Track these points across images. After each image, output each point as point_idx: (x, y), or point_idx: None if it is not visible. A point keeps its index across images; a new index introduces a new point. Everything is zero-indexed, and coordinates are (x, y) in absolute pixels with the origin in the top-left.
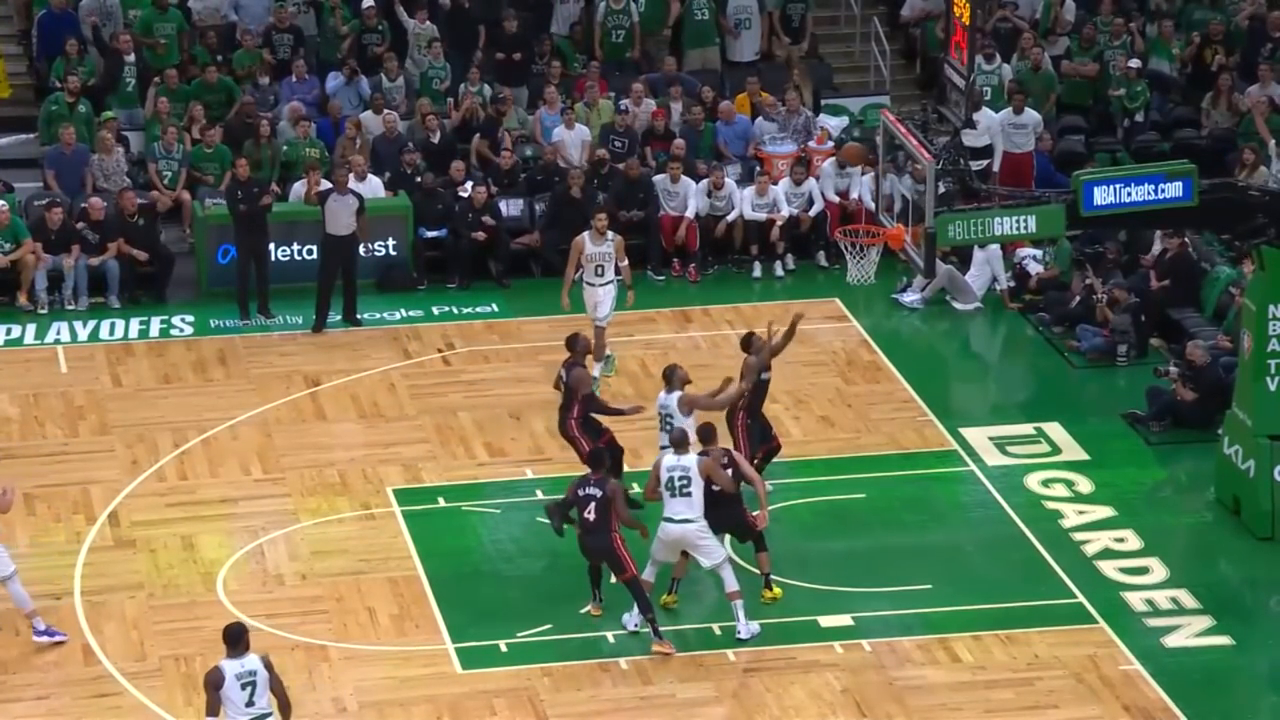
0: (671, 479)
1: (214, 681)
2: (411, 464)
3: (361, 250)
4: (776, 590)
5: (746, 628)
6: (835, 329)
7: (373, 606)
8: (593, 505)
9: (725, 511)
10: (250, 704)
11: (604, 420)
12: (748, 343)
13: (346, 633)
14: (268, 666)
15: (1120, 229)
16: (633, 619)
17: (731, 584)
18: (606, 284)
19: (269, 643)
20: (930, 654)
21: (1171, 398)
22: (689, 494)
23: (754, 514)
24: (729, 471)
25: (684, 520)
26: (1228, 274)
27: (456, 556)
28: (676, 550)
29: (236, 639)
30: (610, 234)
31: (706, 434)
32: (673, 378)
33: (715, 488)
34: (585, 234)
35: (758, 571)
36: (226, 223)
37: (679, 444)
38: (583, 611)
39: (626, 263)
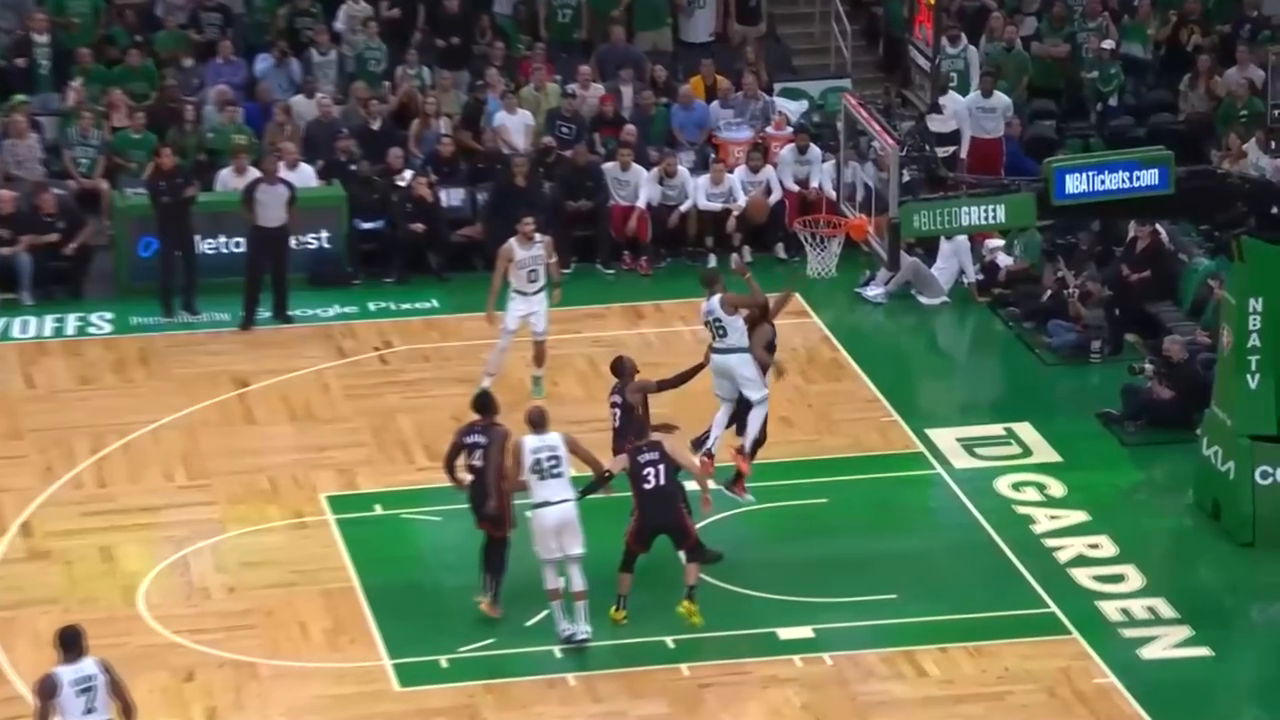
0: (539, 460)
1: (46, 690)
2: (347, 469)
3: (293, 243)
4: (696, 613)
5: (578, 629)
6: (795, 325)
7: (305, 621)
8: (479, 452)
9: (664, 508)
10: (89, 711)
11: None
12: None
13: (277, 649)
14: (106, 670)
15: (1093, 219)
16: (573, 628)
17: (578, 584)
18: (539, 292)
19: (194, 660)
20: (895, 667)
21: (1148, 396)
22: (560, 474)
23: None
24: (649, 470)
25: (564, 501)
26: (1206, 266)
27: (394, 567)
28: (561, 538)
29: (71, 643)
30: (539, 236)
31: (639, 430)
32: (715, 281)
33: (646, 484)
34: (513, 240)
35: (687, 583)
36: (148, 214)
37: (538, 423)
38: (475, 599)
39: (555, 259)
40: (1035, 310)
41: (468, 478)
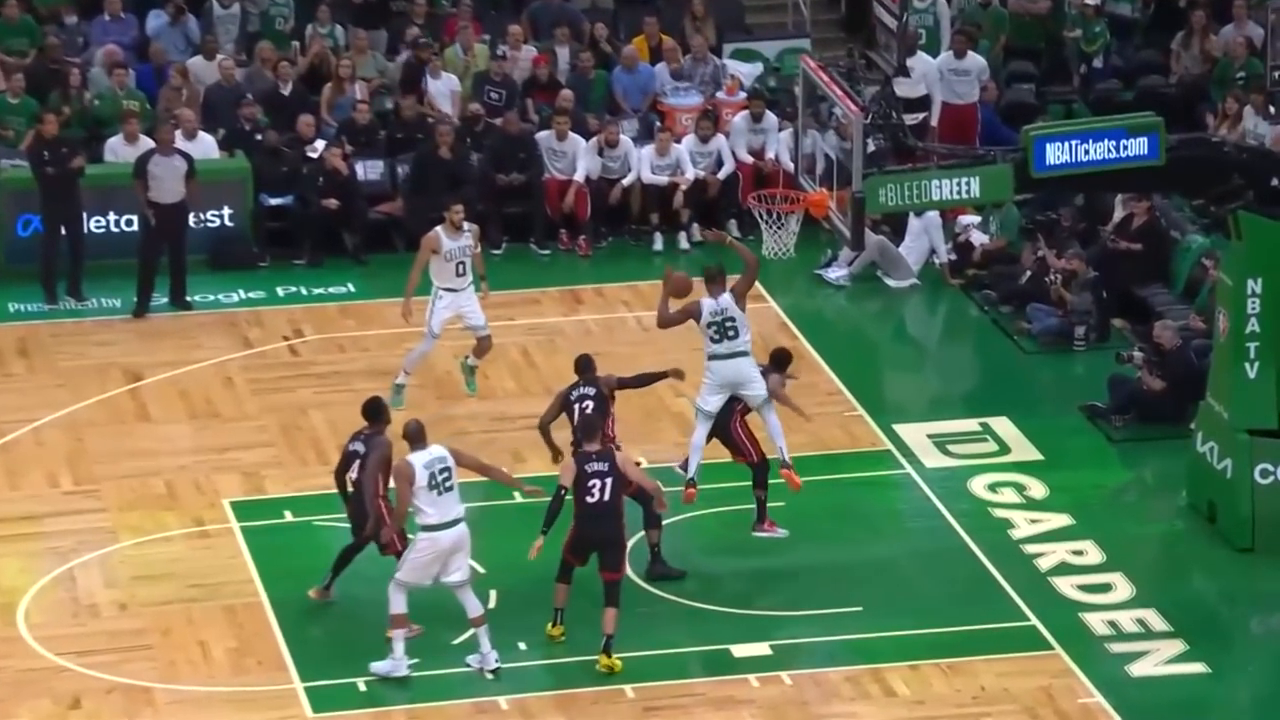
0: (433, 476)
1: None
2: (253, 472)
3: (191, 220)
4: (618, 667)
5: (486, 659)
6: (749, 310)
7: (206, 640)
8: (357, 463)
9: (604, 524)
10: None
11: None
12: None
13: (175, 672)
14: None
15: (1077, 192)
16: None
17: (475, 609)
18: (470, 285)
19: (81, 685)
20: (861, 687)
21: (1137, 387)
22: (453, 487)
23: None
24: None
25: (459, 521)
26: (1200, 244)
27: (306, 580)
28: (450, 562)
29: (414, 435)
30: (468, 225)
31: (591, 428)
32: (720, 276)
33: (589, 498)
34: (439, 229)
35: (605, 631)
36: (29, 188)
37: (416, 437)
38: (310, 593)
39: (479, 249)
40: (1013, 293)
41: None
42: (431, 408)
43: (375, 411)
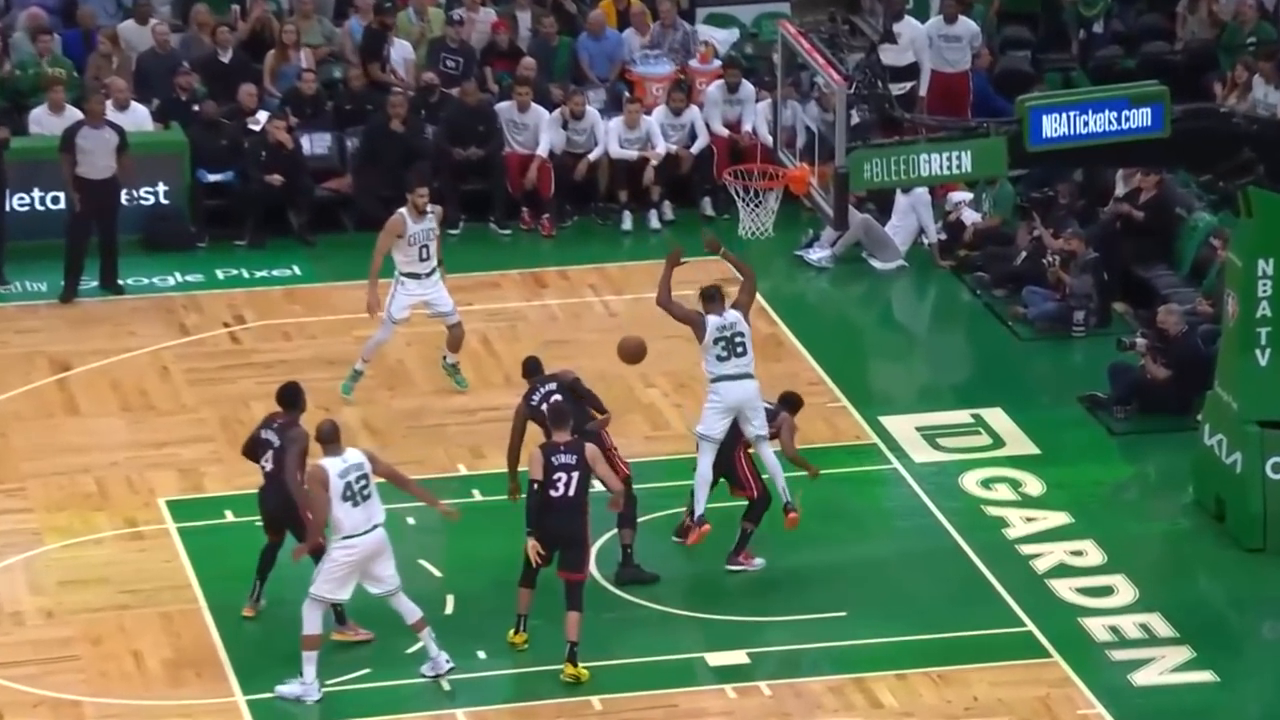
0: (349, 484)
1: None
2: (191, 469)
3: (123, 198)
4: (583, 675)
5: (438, 661)
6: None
7: (140, 650)
8: (270, 454)
9: (566, 521)
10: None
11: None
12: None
13: (106, 684)
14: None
15: (1075, 167)
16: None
17: (413, 614)
18: (433, 272)
19: (2, 699)
20: (845, 698)
21: (1140, 376)
22: (370, 495)
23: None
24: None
25: (376, 528)
26: (1208, 222)
27: (249, 585)
28: (369, 571)
29: (329, 438)
30: (432, 207)
31: (561, 416)
32: (719, 293)
33: (553, 491)
34: (403, 211)
35: (569, 640)
36: None
37: (330, 439)
38: (244, 611)
39: (440, 232)
40: (1008, 275)
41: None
42: (382, 400)
43: (292, 398)
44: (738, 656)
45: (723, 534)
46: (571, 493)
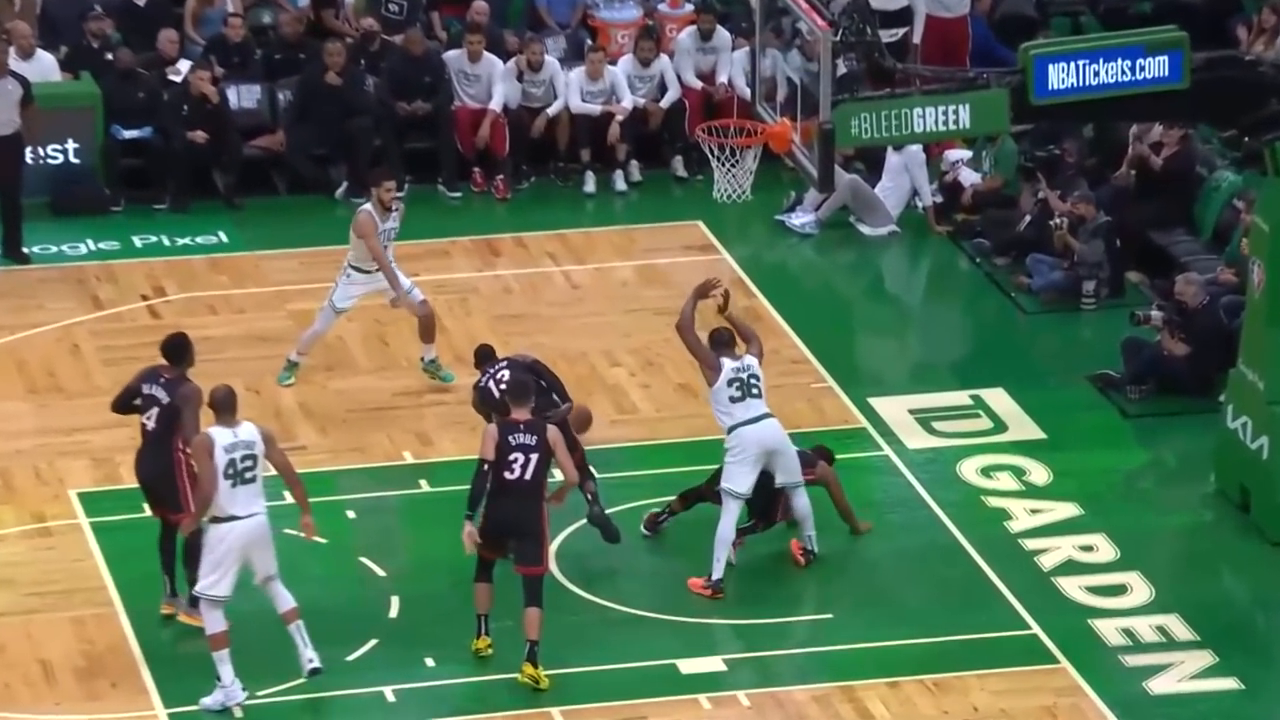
0: (233, 462)
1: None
2: (105, 458)
3: (29, 157)
4: (542, 678)
5: (306, 655)
6: (698, 263)
7: (49, 659)
8: (155, 411)
9: (521, 507)
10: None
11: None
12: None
13: (11, 696)
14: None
15: (1085, 122)
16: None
17: (287, 602)
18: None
19: None
20: (831, 708)
21: (1156, 352)
22: (254, 479)
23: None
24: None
25: (254, 515)
26: (1231, 182)
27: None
28: (249, 556)
29: (222, 405)
30: (398, 205)
31: (521, 391)
32: (734, 338)
33: (508, 473)
34: (369, 208)
35: (529, 639)
36: None
37: (225, 408)
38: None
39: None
40: (1010, 242)
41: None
42: (319, 381)
43: (179, 350)
44: (713, 663)
45: (688, 524)
46: (529, 476)
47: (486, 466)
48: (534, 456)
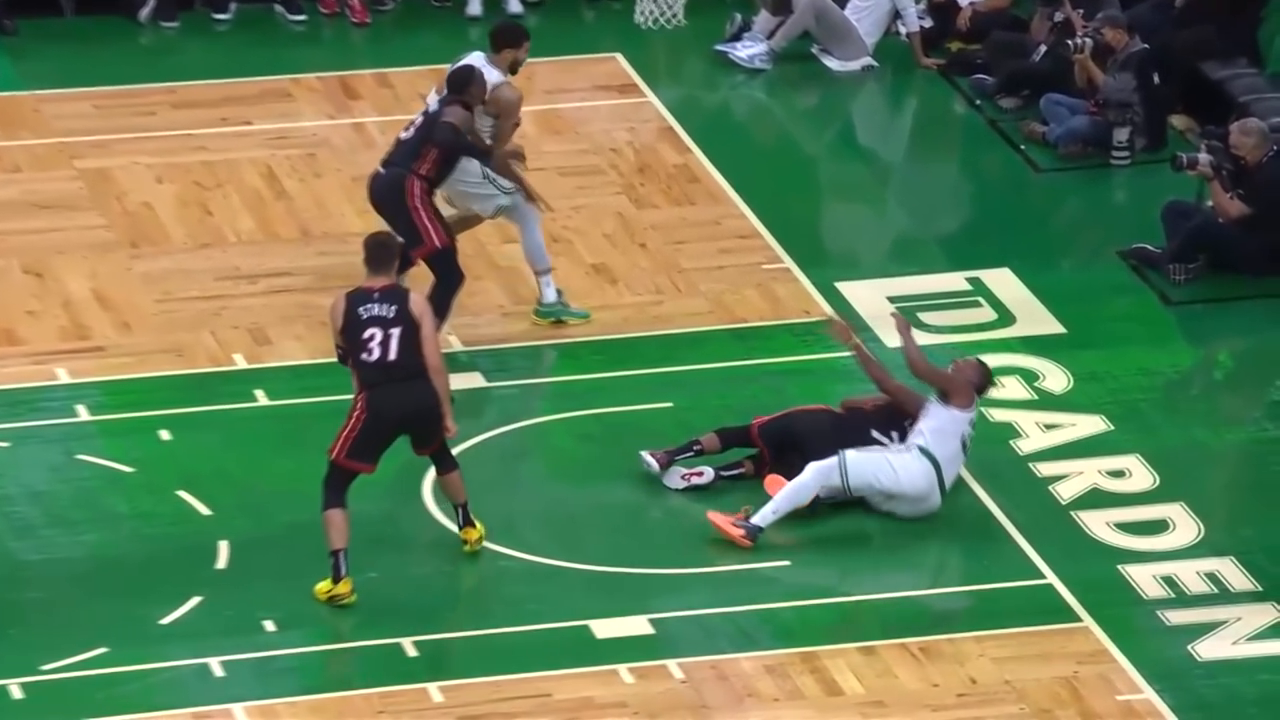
0: None
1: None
2: None
3: None
4: (480, 527)
5: None
6: (617, 108)
7: None
8: None
9: (406, 391)
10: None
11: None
12: None
13: None
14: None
15: None
16: None
17: None
18: None
19: None
20: (788, 681)
21: (1209, 217)
22: None
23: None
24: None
25: None
26: None
27: None
28: None
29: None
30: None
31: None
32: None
33: (367, 356)
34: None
35: (457, 502)
36: None
37: None
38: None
39: None
40: (1020, 78)
41: None
42: (122, 261)
43: None
44: (637, 624)
45: (609, 444)
46: (394, 355)
47: (342, 353)
48: (394, 331)
